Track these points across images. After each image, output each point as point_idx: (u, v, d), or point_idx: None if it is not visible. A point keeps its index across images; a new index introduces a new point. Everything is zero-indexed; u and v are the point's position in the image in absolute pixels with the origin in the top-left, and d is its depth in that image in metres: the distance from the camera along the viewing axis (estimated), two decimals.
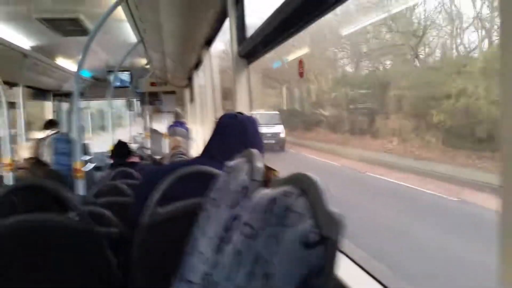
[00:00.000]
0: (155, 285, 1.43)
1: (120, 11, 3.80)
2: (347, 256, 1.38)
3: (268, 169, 1.19)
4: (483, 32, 11.68)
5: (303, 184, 0.77)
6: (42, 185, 1.56)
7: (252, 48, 2.29)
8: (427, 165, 9.62)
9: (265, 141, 1.78)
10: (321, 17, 1.67)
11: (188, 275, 1.18)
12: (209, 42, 4.28)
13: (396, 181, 9.42)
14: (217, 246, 1.04)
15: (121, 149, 3.75)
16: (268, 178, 1.14)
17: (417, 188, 8.61)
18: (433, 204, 7.54)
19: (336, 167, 12.31)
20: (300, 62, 2.05)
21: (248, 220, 0.87)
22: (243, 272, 0.82)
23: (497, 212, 0.62)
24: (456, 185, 7.92)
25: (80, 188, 3.13)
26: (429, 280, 4.74)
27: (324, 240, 0.64)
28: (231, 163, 1.26)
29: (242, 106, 2.52)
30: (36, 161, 3.95)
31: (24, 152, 4.04)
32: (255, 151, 1.20)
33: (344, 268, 0.70)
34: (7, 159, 3.76)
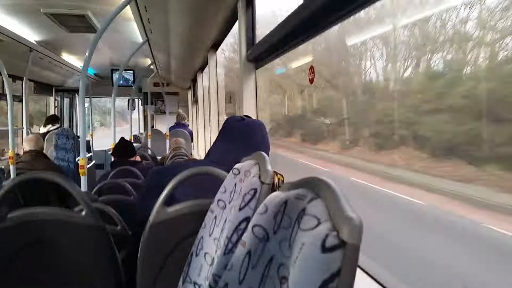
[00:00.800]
0: (160, 284, 1.44)
1: (128, 10, 3.82)
2: (359, 267, 1.38)
3: (274, 173, 1.19)
4: None
5: (317, 188, 0.77)
6: (51, 179, 1.55)
7: (261, 53, 2.30)
8: None
9: None
10: (332, 26, 1.68)
11: (194, 276, 1.19)
12: (216, 45, 4.30)
13: None
14: (225, 247, 1.04)
15: (123, 148, 3.73)
16: (273, 182, 1.15)
17: None
18: None
19: None
20: (311, 68, 2.04)
21: (259, 222, 0.88)
22: (256, 274, 0.83)
23: None
24: None
25: (83, 184, 3.13)
26: None
27: (343, 244, 0.63)
28: (239, 165, 1.27)
29: (248, 110, 2.53)
30: (36, 154, 3.96)
31: (26, 145, 4.04)
32: (264, 154, 1.20)
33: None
34: (9, 152, 3.77)
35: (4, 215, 1.41)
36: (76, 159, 4.24)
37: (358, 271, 1.33)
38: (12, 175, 3.80)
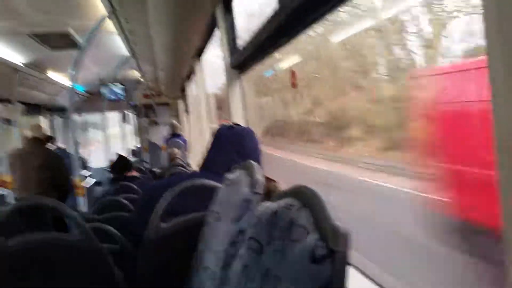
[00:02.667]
0: None
1: (110, 24, 3.82)
2: (356, 268, 1.38)
3: (268, 180, 1.20)
4: None
5: (303, 197, 0.78)
6: (45, 204, 1.56)
7: (244, 59, 2.30)
8: None
9: None
10: (312, 26, 1.69)
11: None
12: (200, 52, 4.30)
13: None
14: (223, 261, 1.05)
15: (121, 163, 3.73)
16: (268, 189, 1.15)
17: None
18: None
19: None
20: (293, 73, 2.05)
21: (253, 235, 0.89)
22: (253, 287, 0.83)
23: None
24: None
25: (82, 204, 3.12)
26: None
27: (332, 253, 0.64)
28: (231, 175, 1.27)
29: (236, 117, 2.53)
30: (38, 141, 3.96)
31: (29, 133, 4.10)
32: (254, 163, 1.20)
33: (354, 281, 0.70)
34: (6, 177, 3.76)
35: (4, 242, 1.41)
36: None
37: (356, 272, 1.34)
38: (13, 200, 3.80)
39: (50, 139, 6.78)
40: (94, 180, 6.51)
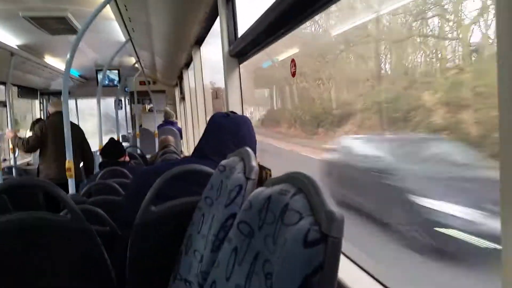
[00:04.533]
0: (151, 283, 1.44)
1: (108, 10, 3.77)
2: (345, 255, 1.39)
3: (261, 168, 1.20)
4: None
5: (299, 182, 0.77)
6: (36, 184, 1.54)
7: (243, 47, 2.28)
8: None
9: None
10: (313, 16, 1.67)
11: (184, 274, 1.19)
12: (199, 41, 4.26)
13: None
14: (213, 244, 1.04)
15: (112, 148, 3.70)
16: (261, 176, 1.15)
17: None
18: None
19: None
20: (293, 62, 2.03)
21: (245, 219, 0.88)
22: (242, 270, 0.83)
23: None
24: None
25: (71, 186, 3.11)
26: None
27: (325, 238, 0.63)
28: (225, 161, 1.27)
29: (233, 106, 2.52)
30: (61, 114, 3.94)
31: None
32: (248, 149, 1.20)
33: (342, 268, 0.69)
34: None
35: None
36: None
37: (348, 263, 1.34)
38: None
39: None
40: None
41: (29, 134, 6.41)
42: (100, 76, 7.20)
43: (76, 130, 4.53)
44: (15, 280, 1.41)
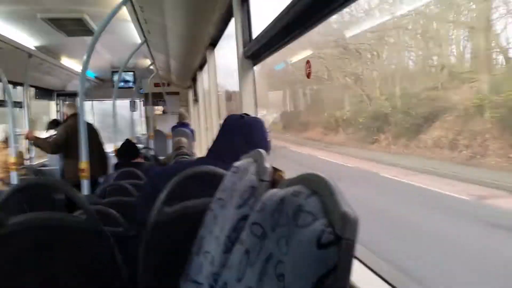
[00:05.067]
0: (162, 284, 1.43)
1: (124, 12, 3.81)
2: (357, 259, 1.37)
3: (274, 170, 1.19)
4: None
5: (313, 184, 0.76)
6: (52, 184, 1.55)
7: (258, 49, 2.28)
8: None
9: None
10: (328, 17, 1.66)
11: (195, 275, 1.18)
12: (214, 42, 4.27)
13: None
14: (225, 245, 1.03)
15: (128, 149, 3.73)
16: (274, 179, 1.14)
17: None
18: None
19: None
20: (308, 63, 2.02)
21: (257, 220, 0.87)
22: (254, 272, 0.82)
23: None
24: None
25: (86, 187, 3.14)
26: None
27: (339, 239, 0.62)
28: (238, 163, 1.26)
29: (247, 107, 2.51)
30: (77, 116, 4.00)
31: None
32: (262, 151, 1.19)
33: (355, 271, 0.68)
34: (12, 158, 3.78)
35: (5, 221, 1.41)
36: None
37: (360, 266, 1.32)
38: (16, 182, 3.82)
39: (57, 124, 6.89)
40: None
41: (45, 134, 6.50)
42: (115, 78, 7.26)
43: (93, 131, 4.64)
44: (29, 280, 1.42)
